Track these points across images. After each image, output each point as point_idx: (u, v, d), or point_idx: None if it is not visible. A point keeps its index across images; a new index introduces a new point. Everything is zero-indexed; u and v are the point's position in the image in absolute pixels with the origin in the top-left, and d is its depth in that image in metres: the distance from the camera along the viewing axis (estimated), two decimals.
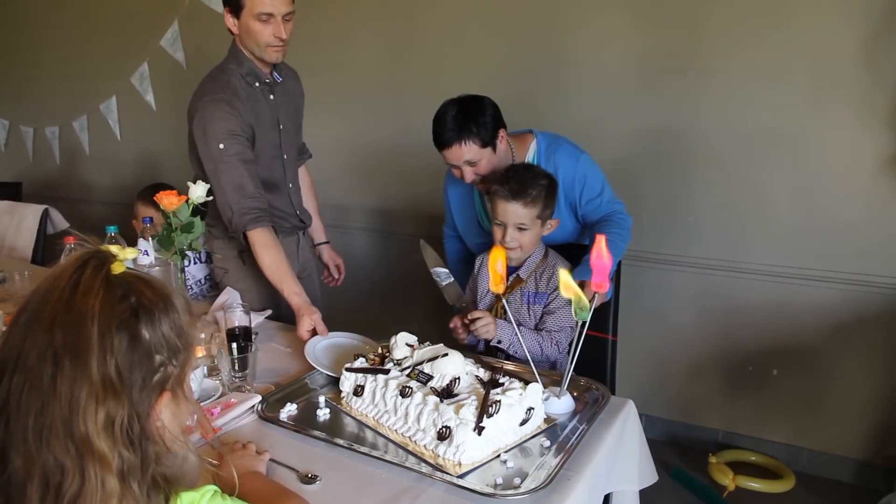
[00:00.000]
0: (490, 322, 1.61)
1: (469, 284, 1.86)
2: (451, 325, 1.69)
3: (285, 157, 1.99)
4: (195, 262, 2.24)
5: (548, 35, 2.58)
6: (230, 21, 1.80)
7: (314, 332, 1.64)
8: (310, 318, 1.64)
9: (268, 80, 1.89)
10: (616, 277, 1.79)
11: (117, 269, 0.73)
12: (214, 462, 1.09)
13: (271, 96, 1.91)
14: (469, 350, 1.62)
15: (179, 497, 0.75)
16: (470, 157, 1.71)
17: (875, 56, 2.06)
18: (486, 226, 1.92)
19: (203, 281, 2.26)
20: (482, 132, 1.69)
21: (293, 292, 1.73)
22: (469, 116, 1.69)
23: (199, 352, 1.54)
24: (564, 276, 1.27)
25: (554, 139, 1.87)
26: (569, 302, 1.59)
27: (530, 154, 1.85)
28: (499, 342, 1.64)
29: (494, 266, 1.35)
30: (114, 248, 0.74)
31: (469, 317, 1.63)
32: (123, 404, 0.68)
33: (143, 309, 0.71)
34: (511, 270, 1.72)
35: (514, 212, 1.62)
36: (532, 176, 1.65)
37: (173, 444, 0.75)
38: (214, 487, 0.80)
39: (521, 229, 1.64)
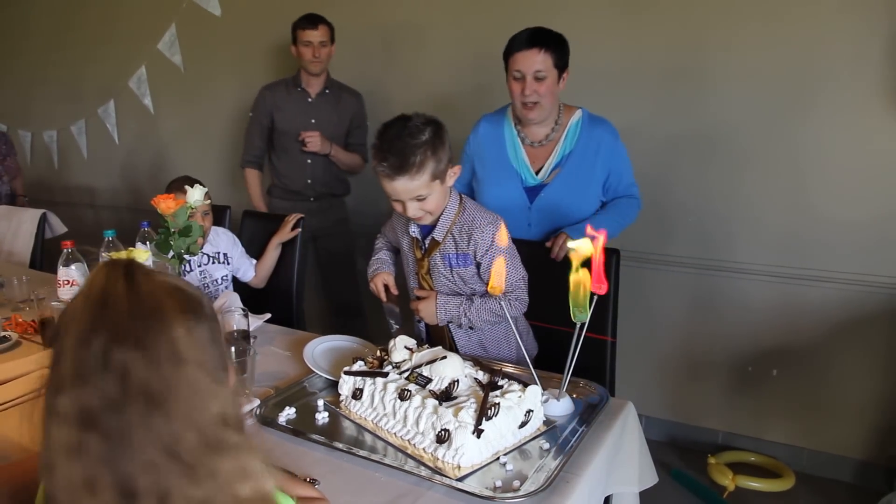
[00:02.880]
0: (423, 303, 1.60)
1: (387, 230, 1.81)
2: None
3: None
4: (213, 262, 2.23)
5: None
6: (293, 49, 2.72)
7: None
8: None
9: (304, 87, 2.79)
10: (615, 278, 1.79)
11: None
12: None
13: (308, 100, 2.79)
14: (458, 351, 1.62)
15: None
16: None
17: (875, 53, 2.06)
18: (518, 169, 1.91)
19: (220, 280, 2.25)
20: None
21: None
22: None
23: None
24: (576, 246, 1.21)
25: (599, 117, 1.94)
26: (500, 254, 1.49)
27: (574, 118, 1.90)
28: (448, 323, 1.61)
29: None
30: (125, 254, 0.71)
31: (412, 307, 1.64)
32: (225, 393, 0.66)
33: (193, 305, 0.68)
34: (424, 232, 1.61)
35: (403, 188, 1.46)
36: (408, 136, 1.43)
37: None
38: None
39: (420, 199, 1.48)
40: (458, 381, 1.24)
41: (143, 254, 0.76)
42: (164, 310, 0.64)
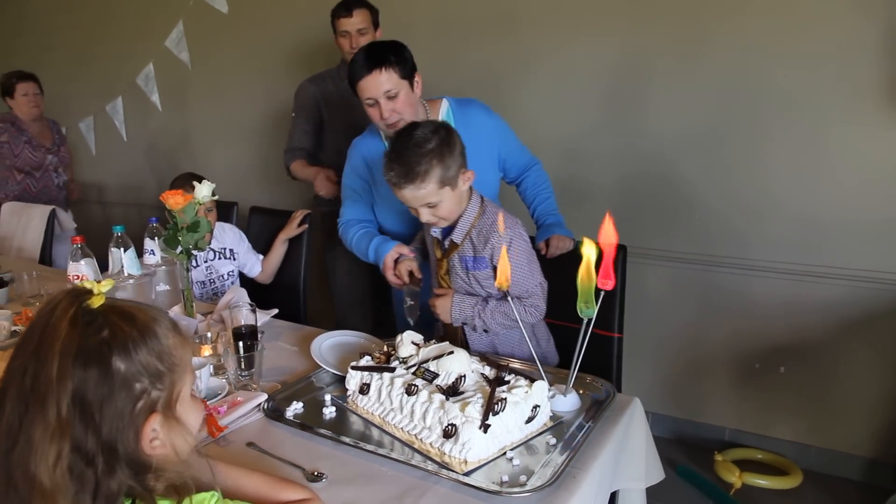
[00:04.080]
0: (439, 300, 1.59)
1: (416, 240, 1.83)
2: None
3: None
4: (219, 258, 2.24)
5: (546, 39, 2.57)
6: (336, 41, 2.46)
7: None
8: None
9: None
10: (622, 274, 1.79)
11: (96, 302, 0.74)
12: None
13: None
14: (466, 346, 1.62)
15: (191, 500, 0.76)
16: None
17: (891, 48, 2.05)
18: None
19: (226, 276, 2.26)
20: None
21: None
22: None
23: (206, 350, 1.55)
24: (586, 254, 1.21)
25: (464, 99, 1.89)
26: (501, 245, 1.48)
27: (442, 111, 1.85)
28: (464, 325, 1.61)
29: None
30: (88, 284, 0.76)
31: (430, 303, 1.64)
32: (87, 439, 0.70)
33: (116, 341, 0.72)
34: (444, 233, 1.61)
35: (411, 196, 1.49)
36: (414, 146, 1.46)
37: (170, 461, 0.76)
38: (217, 493, 0.80)
39: (431, 206, 1.50)
40: (464, 376, 1.24)
41: (107, 283, 0.79)
42: (47, 353, 0.70)
